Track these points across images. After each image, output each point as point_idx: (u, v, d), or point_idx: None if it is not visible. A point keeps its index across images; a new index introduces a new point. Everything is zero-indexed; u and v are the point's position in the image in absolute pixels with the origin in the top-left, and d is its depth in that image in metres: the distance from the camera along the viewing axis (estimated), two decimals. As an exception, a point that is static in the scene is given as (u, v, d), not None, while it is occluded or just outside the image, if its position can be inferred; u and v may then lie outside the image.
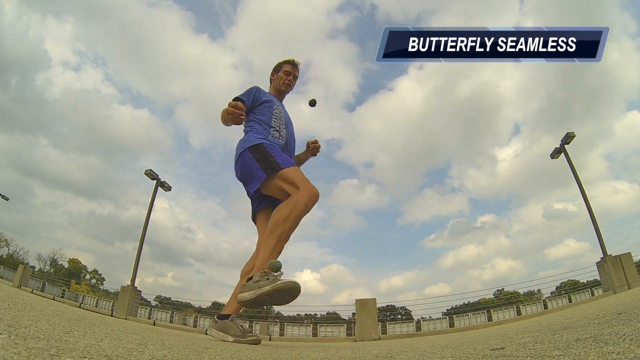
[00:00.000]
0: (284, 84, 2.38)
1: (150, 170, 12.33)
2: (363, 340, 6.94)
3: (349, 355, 1.16)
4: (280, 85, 2.39)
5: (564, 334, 1.04)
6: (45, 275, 27.56)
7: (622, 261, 8.48)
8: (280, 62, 2.44)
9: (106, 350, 0.64)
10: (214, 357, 0.88)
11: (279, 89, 2.40)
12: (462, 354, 0.93)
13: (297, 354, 1.17)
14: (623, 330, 0.84)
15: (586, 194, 10.19)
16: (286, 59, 2.43)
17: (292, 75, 2.40)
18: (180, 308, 22.99)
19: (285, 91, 2.42)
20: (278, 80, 2.40)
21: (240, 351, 1.16)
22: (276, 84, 2.41)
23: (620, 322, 1.07)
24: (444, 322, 17.54)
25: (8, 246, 35.91)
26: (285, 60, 2.42)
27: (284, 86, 2.39)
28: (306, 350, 1.51)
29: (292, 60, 2.42)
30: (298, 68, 2.44)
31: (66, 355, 0.51)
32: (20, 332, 0.61)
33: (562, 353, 0.69)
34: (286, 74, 2.39)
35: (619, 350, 0.61)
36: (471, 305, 22.57)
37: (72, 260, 41.97)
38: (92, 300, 19.65)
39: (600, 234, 9.61)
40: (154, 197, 12.27)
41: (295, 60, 2.42)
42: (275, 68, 2.44)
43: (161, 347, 0.89)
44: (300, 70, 2.46)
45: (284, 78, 2.39)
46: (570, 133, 10.73)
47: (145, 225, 11.69)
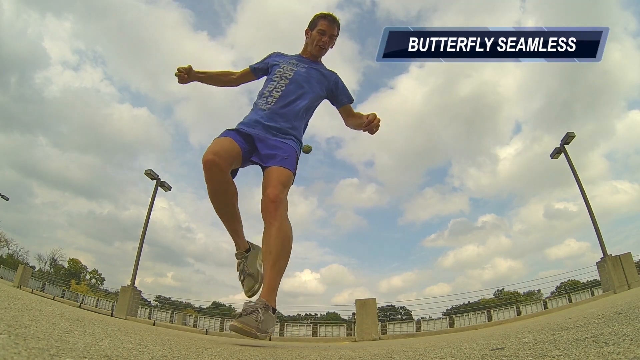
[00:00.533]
0: (316, 46, 2.04)
1: (150, 170, 12.33)
2: (363, 340, 6.95)
3: (349, 355, 1.16)
4: (312, 47, 2.05)
5: (564, 334, 1.04)
6: (45, 275, 27.56)
7: (622, 261, 8.48)
8: (316, 15, 2.07)
9: (106, 350, 0.64)
10: (214, 357, 0.88)
11: (310, 51, 2.07)
12: (462, 354, 0.93)
13: (297, 354, 1.17)
14: (623, 330, 0.84)
15: (586, 193, 10.21)
16: (324, 12, 2.08)
17: (327, 34, 2.04)
18: (180, 308, 22.99)
19: (318, 54, 2.07)
20: (311, 41, 2.06)
21: (240, 351, 1.16)
22: (308, 43, 2.09)
23: (620, 322, 1.07)
24: (444, 322, 17.54)
25: (8, 246, 35.94)
26: (323, 14, 2.06)
27: (316, 48, 2.04)
28: (306, 350, 1.51)
29: (330, 14, 2.06)
30: (338, 24, 2.07)
31: (66, 355, 0.51)
32: (20, 332, 0.61)
33: (562, 353, 0.69)
34: (320, 33, 2.03)
35: (619, 350, 0.61)
36: (471, 305, 22.57)
37: (72, 260, 41.98)
38: (92, 300, 19.67)
39: (601, 234, 9.63)
40: (153, 197, 12.28)
41: (333, 15, 2.06)
42: (310, 24, 2.09)
43: (161, 347, 0.89)
44: (339, 27, 2.09)
45: (317, 38, 2.03)
46: (570, 133, 10.73)
47: (145, 225, 11.70)
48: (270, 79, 2.00)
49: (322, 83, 2.04)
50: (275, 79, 1.97)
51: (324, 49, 2.08)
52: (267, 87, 1.97)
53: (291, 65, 2.02)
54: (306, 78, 1.99)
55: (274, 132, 1.86)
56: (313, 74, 2.03)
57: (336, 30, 2.08)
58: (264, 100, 1.92)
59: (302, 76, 1.98)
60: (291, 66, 2.02)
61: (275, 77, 1.98)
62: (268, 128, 1.86)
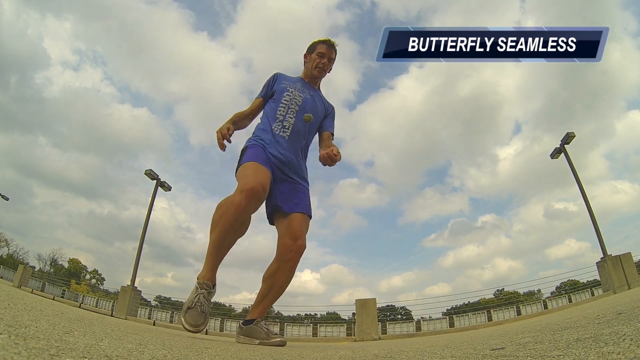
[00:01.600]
0: (316, 68, 2.14)
1: (150, 170, 12.33)
2: (363, 340, 6.94)
3: (349, 355, 1.16)
4: (312, 69, 2.14)
5: (564, 334, 1.04)
6: (45, 275, 27.55)
7: (622, 261, 8.48)
8: (314, 41, 2.19)
9: (106, 350, 0.64)
10: (214, 357, 0.88)
11: (311, 73, 2.17)
12: (462, 354, 0.93)
13: (297, 354, 1.17)
14: (623, 330, 0.84)
15: (586, 193, 10.20)
16: (322, 38, 2.19)
17: (326, 57, 2.14)
18: (180, 308, 22.97)
19: (318, 76, 2.17)
20: (311, 63, 2.15)
21: (240, 351, 1.16)
22: (308, 67, 2.17)
23: (620, 322, 1.07)
24: (444, 322, 17.53)
25: (8, 246, 35.94)
26: (321, 40, 2.18)
27: (316, 70, 2.14)
28: (306, 350, 1.50)
29: (328, 40, 2.17)
30: (335, 49, 2.18)
31: (66, 355, 0.51)
32: (20, 332, 0.61)
33: (562, 353, 0.69)
34: (320, 55, 2.13)
35: (619, 350, 0.61)
36: (471, 305, 22.57)
37: (72, 260, 41.98)
38: (92, 300, 19.66)
39: (600, 234, 9.62)
40: (153, 197, 12.28)
41: (331, 40, 2.17)
42: (309, 49, 2.19)
43: (161, 347, 0.89)
44: (337, 51, 2.19)
45: (317, 61, 2.13)
46: (570, 133, 10.73)
47: (145, 225, 11.70)
48: (280, 101, 2.03)
49: (322, 114, 2.17)
50: (285, 102, 2.02)
51: (323, 71, 2.17)
52: (280, 110, 2.00)
53: (298, 91, 2.08)
54: (312, 107, 2.07)
55: (296, 172, 1.97)
56: (318, 105, 2.13)
57: (334, 54, 2.19)
58: (280, 126, 1.97)
59: (310, 105, 2.07)
60: (299, 92, 2.08)
61: (284, 99, 2.02)
62: (289, 165, 1.94)
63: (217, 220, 1.65)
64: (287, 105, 2.00)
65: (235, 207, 1.62)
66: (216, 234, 1.65)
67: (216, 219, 1.65)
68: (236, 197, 1.64)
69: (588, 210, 9.97)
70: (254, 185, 1.64)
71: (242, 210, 1.64)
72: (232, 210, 1.62)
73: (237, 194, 1.65)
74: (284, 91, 2.05)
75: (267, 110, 2.06)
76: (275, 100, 2.05)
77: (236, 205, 1.62)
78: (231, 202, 1.64)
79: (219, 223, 1.64)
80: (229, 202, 1.65)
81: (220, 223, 1.64)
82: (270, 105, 2.07)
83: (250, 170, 1.74)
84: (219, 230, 1.64)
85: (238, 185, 1.71)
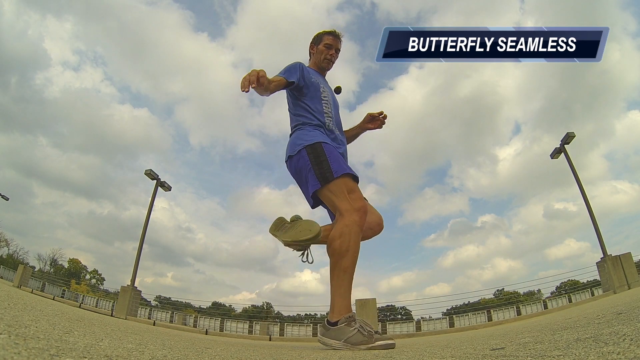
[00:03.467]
0: (325, 59, 2.12)
1: (150, 170, 12.33)
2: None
3: (349, 355, 1.16)
4: (321, 61, 2.13)
5: (564, 334, 1.04)
6: (45, 275, 27.56)
7: (622, 261, 8.48)
8: (320, 32, 2.17)
9: (106, 350, 0.64)
10: (214, 357, 0.88)
11: (319, 65, 2.15)
12: (462, 354, 0.93)
13: (297, 354, 1.17)
14: (623, 330, 0.84)
15: (586, 193, 10.20)
16: (327, 29, 2.16)
17: (334, 48, 2.13)
18: (180, 308, 22.99)
19: (326, 67, 2.17)
20: (319, 55, 2.13)
21: (240, 351, 1.16)
22: (316, 58, 2.15)
23: (620, 322, 1.07)
24: (444, 322, 17.53)
25: (8, 246, 35.95)
26: (327, 30, 2.15)
27: (325, 62, 2.13)
28: (306, 350, 1.50)
29: (334, 31, 2.15)
30: (341, 40, 2.16)
31: (66, 355, 0.51)
32: (20, 332, 0.61)
33: (562, 353, 0.69)
34: (327, 47, 2.11)
35: (619, 350, 0.61)
36: (471, 305, 22.56)
37: (72, 260, 42.01)
38: (92, 300, 19.66)
39: (600, 234, 9.62)
40: (154, 197, 12.27)
41: (337, 31, 2.16)
42: (314, 40, 2.17)
43: (161, 347, 0.89)
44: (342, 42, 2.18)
45: (325, 52, 2.11)
46: (570, 133, 10.73)
47: (145, 225, 11.70)
48: (321, 98, 1.99)
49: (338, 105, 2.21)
50: (325, 98, 2.01)
51: (331, 62, 2.16)
52: (325, 107, 1.97)
53: (326, 88, 2.08)
54: (337, 105, 2.15)
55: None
56: (337, 102, 2.16)
57: (340, 44, 2.16)
58: (331, 122, 1.96)
59: (336, 103, 2.13)
60: (327, 88, 2.09)
61: (324, 97, 2.01)
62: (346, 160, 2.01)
63: (347, 244, 1.56)
64: (328, 102, 2.01)
65: (359, 227, 1.61)
66: (350, 259, 1.57)
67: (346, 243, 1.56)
68: (355, 217, 1.61)
69: (588, 210, 9.98)
70: (364, 203, 1.67)
71: (362, 226, 1.63)
72: (357, 230, 1.60)
73: (354, 213, 1.61)
74: (318, 86, 2.00)
75: (313, 107, 1.94)
76: (311, 95, 1.96)
77: (360, 226, 1.61)
78: (353, 223, 1.60)
79: (350, 249, 1.56)
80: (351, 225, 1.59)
81: (350, 249, 1.56)
82: (310, 99, 1.95)
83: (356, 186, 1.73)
84: (352, 256, 1.57)
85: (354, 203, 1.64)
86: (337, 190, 1.67)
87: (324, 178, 1.69)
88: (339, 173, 1.69)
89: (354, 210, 1.61)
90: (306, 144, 1.78)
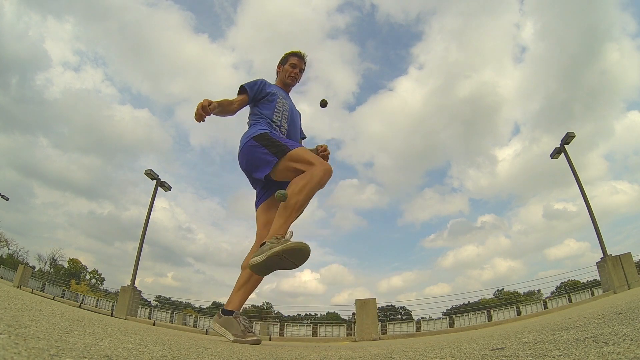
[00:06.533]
0: (289, 77, 2.35)
1: (150, 170, 12.32)
2: (363, 340, 6.94)
3: (349, 355, 1.16)
4: (286, 78, 2.36)
5: (564, 334, 1.04)
6: (45, 275, 27.55)
7: (622, 261, 8.47)
8: (287, 53, 2.40)
9: (106, 350, 0.64)
10: (214, 357, 0.88)
11: (284, 82, 2.37)
12: (462, 354, 0.93)
13: (297, 354, 1.17)
14: (623, 330, 0.84)
15: (586, 194, 10.18)
16: (293, 50, 2.39)
17: (298, 67, 2.36)
18: (180, 308, 22.98)
19: (291, 84, 2.39)
20: (284, 73, 2.37)
21: (240, 351, 1.16)
22: (282, 76, 2.38)
23: (620, 322, 1.07)
24: (444, 322, 17.53)
25: (8, 246, 35.93)
26: (292, 52, 2.39)
27: (289, 79, 2.36)
28: (306, 350, 1.50)
29: (299, 52, 2.38)
30: (305, 60, 2.40)
31: (66, 355, 0.51)
32: (20, 332, 0.61)
33: (562, 353, 0.69)
34: (292, 66, 2.35)
35: (619, 350, 0.61)
36: (471, 305, 22.54)
37: (72, 260, 41.99)
38: (92, 300, 19.64)
39: (600, 234, 9.61)
40: (154, 197, 12.26)
41: (302, 52, 2.39)
42: (281, 60, 2.41)
43: (161, 347, 0.89)
44: (306, 62, 2.42)
45: (290, 70, 2.35)
46: (571, 133, 10.71)
47: (145, 225, 11.69)
48: (275, 108, 2.17)
49: (300, 120, 2.45)
50: (279, 108, 2.18)
51: (296, 80, 2.40)
52: (276, 116, 2.15)
53: (285, 99, 2.27)
54: (297, 115, 2.36)
55: None
56: (297, 114, 2.37)
57: (304, 65, 2.41)
58: (278, 131, 2.11)
59: (294, 113, 2.32)
60: (285, 99, 2.27)
61: (278, 106, 2.19)
62: None
63: (303, 185, 1.71)
64: (281, 112, 2.17)
65: (328, 172, 1.76)
66: (305, 195, 1.71)
67: (302, 184, 1.71)
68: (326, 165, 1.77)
69: (588, 210, 9.97)
70: (330, 167, 1.80)
71: (328, 178, 1.77)
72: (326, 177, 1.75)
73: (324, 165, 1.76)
74: (275, 98, 2.18)
75: (264, 113, 2.13)
76: (267, 106, 2.16)
77: (329, 170, 1.77)
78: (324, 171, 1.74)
79: (305, 187, 1.71)
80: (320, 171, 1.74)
81: (306, 188, 1.71)
82: (263, 108, 2.16)
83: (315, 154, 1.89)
84: (308, 193, 1.71)
85: (319, 160, 1.78)
86: (299, 156, 1.81)
87: (281, 152, 1.84)
88: (294, 146, 1.86)
89: (320, 164, 1.76)
90: (253, 135, 1.97)
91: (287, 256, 1.52)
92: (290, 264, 1.56)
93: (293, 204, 1.68)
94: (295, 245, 1.51)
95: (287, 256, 1.52)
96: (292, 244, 1.51)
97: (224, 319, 1.90)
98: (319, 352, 1.32)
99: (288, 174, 1.85)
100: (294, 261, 1.55)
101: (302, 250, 1.53)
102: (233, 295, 2.00)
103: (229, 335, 1.82)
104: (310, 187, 1.71)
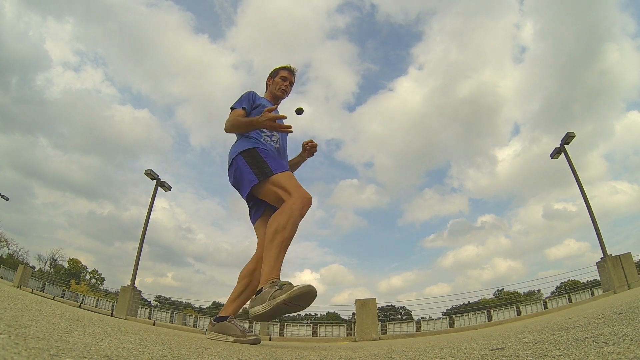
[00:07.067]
0: (279, 90, 2.39)
1: (150, 170, 12.32)
2: (363, 340, 6.94)
3: (349, 355, 1.16)
4: (276, 91, 2.40)
5: (564, 334, 1.04)
6: (45, 275, 27.54)
7: (622, 261, 8.47)
8: (276, 67, 2.46)
9: (106, 350, 0.64)
10: (214, 357, 0.88)
11: (274, 94, 2.41)
12: (462, 354, 0.93)
13: (297, 354, 1.17)
14: (623, 330, 0.84)
15: (586, 194, 10.19)
16: (283, 65, 2.45)
17: (288, 81, 2.42)
18: (180, 308, 22.99)
19: (281, 96, 2.43)
20: (274, 86, 2.41)
21: (240, 351, 1.16)
22: (272, 89, 2.42)
23: (620, 322, 1.07)
24: (444, 322, 17.54)
25: (8, 246, 35.95)
26: (282, 66, 2.45)
27: (280, 91, 2.40)
28: (306, 350, 1.51)
29: (289, 66, 2.45)
30: (295, 74, 2.46)
31: (66, 355, 0.51)
32: (20, 332, 0.61)
33: (562, 353, 0.69)
34: (282, 79, 2.40)
35: (619, 350, 0.61)
36: (471, 305, 22.55)
37: (72, 260, 42.01)
38: (92, 300, 19.66)
39: (600, 234, 9.61)
40: (154, 197, 12.27)
41: (292, 66, 2.45)
42: (271, 73, 2.46)
43: (161, 347, 0.89)
44: (296, 76, 2.49)
45: (280, 83, 2.40)
46: (571, 133, 10.72)
47: (145, 225, 11.69)
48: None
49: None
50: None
51: (286, 92, 2.43)
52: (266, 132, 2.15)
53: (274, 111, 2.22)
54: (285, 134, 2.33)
55: None
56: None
57: (294, 78, 2.46)
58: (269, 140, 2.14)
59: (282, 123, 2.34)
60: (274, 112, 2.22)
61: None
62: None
63: (285, 221, 1.70)
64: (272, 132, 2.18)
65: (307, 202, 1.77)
66: (289, 232, 1.70)
67: (284, 220, 1.70)
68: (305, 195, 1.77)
69: (588, 210, 9.97)
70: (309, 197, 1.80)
71: (304, 215, 1.76)
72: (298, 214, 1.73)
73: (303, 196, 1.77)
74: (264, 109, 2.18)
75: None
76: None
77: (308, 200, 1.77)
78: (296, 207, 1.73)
79: (288, 224, 1.70)
80: (298, 204, 1.74)
81: (289, 224, 1.70)
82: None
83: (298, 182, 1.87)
84: (291, 229, 1.71)
85: (298, 190, 1.78)
86: (280, 182, 1.83)
87: (263, 174, 1.86)
88: (278, 170, 1.87)
89: (299, 195, 1.76)
90: (242, 150, 1.99)
91: (294, 302, 1.49)
92: (297, 307, 1.54)
93: (279, 242, 1.67)
94: (300, 291, 1.48)
95: (294, 302, 1.49)
96: (298, 290, 1.48)
97: (218, 325, 1.88)
98: (319, 352, 1.32)
99: (269, 197, 1.89)
100: (301, 305, 1.53)
101: (309, 294, 1.50)
102: (228, 304, 1.99)
103: (228, 338, 1.81)
104: (292, 222, 1.71)
